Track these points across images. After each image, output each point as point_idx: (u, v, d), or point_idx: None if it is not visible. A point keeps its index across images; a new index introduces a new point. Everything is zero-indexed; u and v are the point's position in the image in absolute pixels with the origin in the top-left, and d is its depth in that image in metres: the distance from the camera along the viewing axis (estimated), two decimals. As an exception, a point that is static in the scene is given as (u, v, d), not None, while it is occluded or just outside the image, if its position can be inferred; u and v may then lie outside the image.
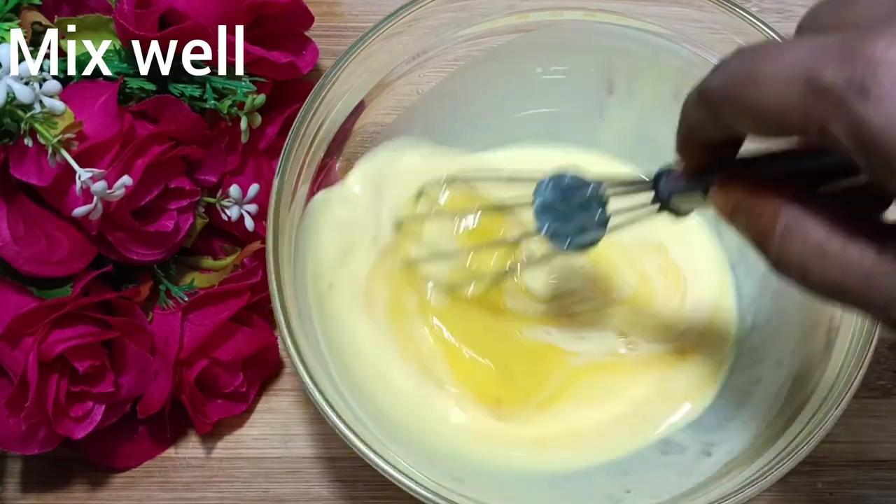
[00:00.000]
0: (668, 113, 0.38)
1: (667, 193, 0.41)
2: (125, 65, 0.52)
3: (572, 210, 0.46)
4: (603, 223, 0.45)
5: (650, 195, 0.42)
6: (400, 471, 0.44)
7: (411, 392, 0.52)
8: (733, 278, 0.56)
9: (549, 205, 0.46)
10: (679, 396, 0.53)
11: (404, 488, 0.44)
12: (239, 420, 0.56)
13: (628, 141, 0.58)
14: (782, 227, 0.32)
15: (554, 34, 0.55)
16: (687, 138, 0.36)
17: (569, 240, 0.46)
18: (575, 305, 0.55)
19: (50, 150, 0.46)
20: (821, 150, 0.33)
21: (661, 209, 0.42)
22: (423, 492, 0.44)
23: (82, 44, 0.52)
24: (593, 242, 0.46)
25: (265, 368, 0.56)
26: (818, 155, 0.33)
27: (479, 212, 0.55)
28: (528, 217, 0.47)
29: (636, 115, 0.58)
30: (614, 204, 0.45)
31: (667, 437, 0.52)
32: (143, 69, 0.51)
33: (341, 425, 0.45)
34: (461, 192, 0.55)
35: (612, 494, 0.50)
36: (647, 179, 0.42)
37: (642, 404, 0.53)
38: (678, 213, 0.42)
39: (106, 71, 0.51)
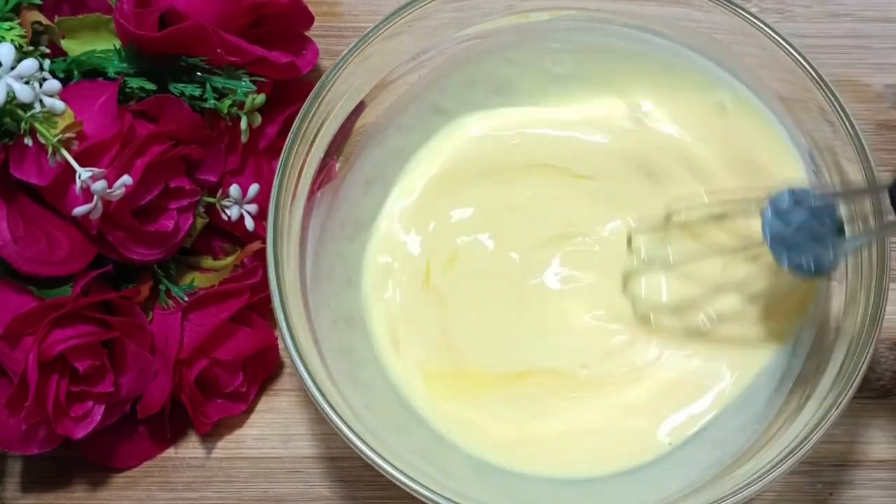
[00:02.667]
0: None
1: None
2: (125, 64, 0.52)
3: (805, 226, 0.44)
4: (839, 241, 0.44)
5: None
6: (401, 471, 0.44)
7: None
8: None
9: (781, 234, 0.44)
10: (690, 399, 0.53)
11: (405, 488, 0.44)
12: (239, 420, 0.56)
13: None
14: None
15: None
16: None
17: (810, 264, 0.44)
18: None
19: (50, 150, 0.47)
20: None
21: None
22: (423, 491, 0.44)
23: (82, 43, 0.52)
24: (819, 271, 0.44)
25: (265, 368, 0.56)
26: None
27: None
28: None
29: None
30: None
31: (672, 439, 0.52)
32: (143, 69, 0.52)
33: (342, 425, 0.45)
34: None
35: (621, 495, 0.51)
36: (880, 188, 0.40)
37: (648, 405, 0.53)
38: None
39: (106, 71, 0.51)
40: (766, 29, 0.51)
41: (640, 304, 0.53)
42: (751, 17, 0.52)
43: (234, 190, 0.53)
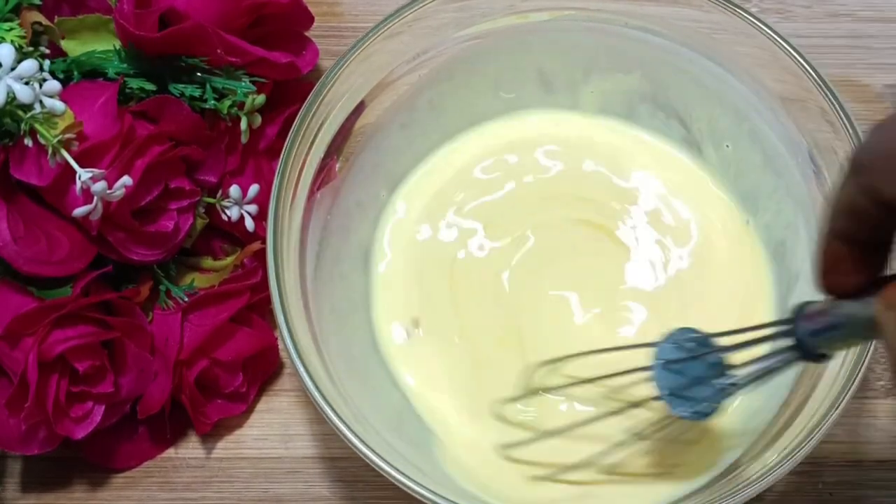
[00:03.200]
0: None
1: (808, 334, 0.38)
2: (125, 65, 0.52)
3: (694, 372, 0.44)
4: (726, 386, 0.43)
5: (780, 342, 0.40)
6: (400, 471, 0.44)
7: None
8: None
9: (668, 365, 0.44)
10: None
11: (404, 488, 0.44)
12: (239, 420, 0.56)
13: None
14: None
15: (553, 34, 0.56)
16: (832, 242, 0.35)
17: (691, 407, 0.44)
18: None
19: (50, 151, 0.47)
20: None
21: (803, 357, 0.39)
22: (422, 491, 0.44)
23: (82, 44, 0.52)
24: (714, 410, 0.44)
25: (265, 368, 0.56)
26: None
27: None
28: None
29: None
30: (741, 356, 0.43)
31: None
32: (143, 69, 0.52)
33: (341, 425, 0.45)
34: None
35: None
36: (775, 325, 0.40)
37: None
38: (822, 357, 0.39)
39: (106, 71, 0.52)
40: (766, 29, 0.51)
41: None
42: (751, 18, 0.52)
43: (234, 190, 0.53)
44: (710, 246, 0.56)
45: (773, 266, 0.55)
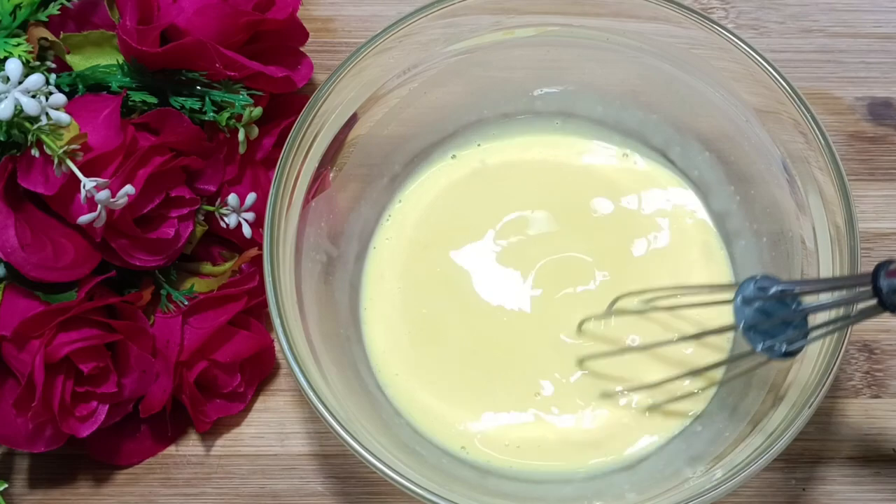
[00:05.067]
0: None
1: (891, 290, 0.39)
2: (128, 79, 0.52)
3: (774, 311, 0.45)
4: (804, 330, 0.44)
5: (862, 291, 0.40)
6: (392, 468, 0.45)
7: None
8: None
9: (750, 302, 0.45)
10: (672, 401, 0.54)
11: (396, 484, 0.45)
12: (237, 419, 0.56)
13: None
14: None
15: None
16: None
17: (765, 342, 0.44)
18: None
19: (56, 161, 0.47)
20: None
21: (884, 309, 0.40)
22: (414, 488, 0.44)
23: (87, 58, 0.53)
24: (789, 352, 0.45)
25: (262, 369, 0.56)
26: None
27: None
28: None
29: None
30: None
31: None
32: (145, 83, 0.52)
33: (335, 424, 0.45)
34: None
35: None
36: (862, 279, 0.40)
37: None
38: None
39: (109, 85, 0.52)
40: (741, 44, 0.52)
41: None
42: (727, 34, 0.52)
43: (232, 199, 0.54)
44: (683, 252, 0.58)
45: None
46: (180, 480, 0.55)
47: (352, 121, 0.54)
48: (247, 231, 0.55)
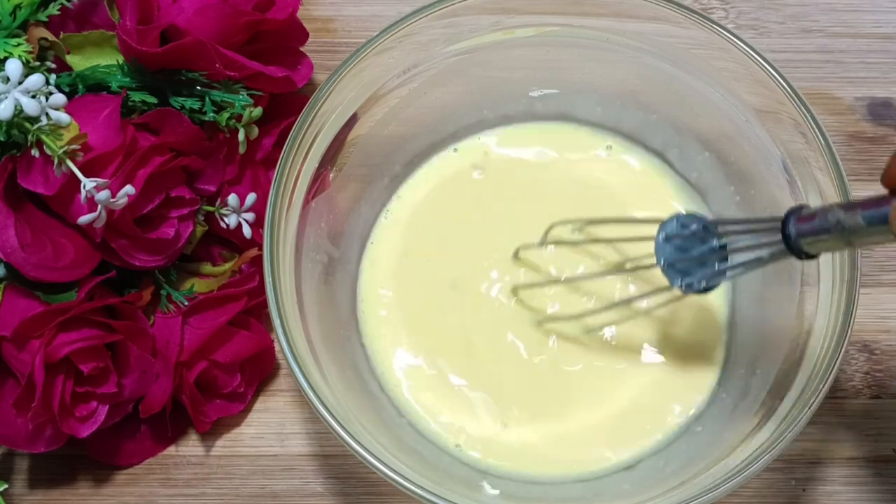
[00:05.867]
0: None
1: (798, 235, 0.40)
2: (128, 79, 0.52)
3: (693, 249, 0.46)
4: (723, 267, 0.45)
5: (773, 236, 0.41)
6: (392, 468, 0.45)
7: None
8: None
9: (671, 240, 0.46)
10: (671, 401, 0.54)
11: (395, 484, 0.45)
12: (237, 419, 0.56)
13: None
14: None
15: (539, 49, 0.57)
16: None
17: (684, 279, 0.45)
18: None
19: (56, 161, 0.47)
20: None
21: (791, 254, 0.41)
22: (414, 488, 0.45)
23: (87, 59, 0.53)
24: (708, 287, 0.46)
25: (262, 370, 0.57)
26: None
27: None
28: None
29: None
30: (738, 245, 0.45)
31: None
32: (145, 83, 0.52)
33: (335, 424, 0.45)
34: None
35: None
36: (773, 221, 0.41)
37: (631, 413, 0.54)
38: (808, 256, 0.41)
39: (109, 85, 0.52)
40: (741, 44, 0.52)
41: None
42: (727, 34, 0.52)
43: (232, 199, 0.54)
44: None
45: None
46: (180, 481, 0.55)
47: (352, 121, 0.54)
48: (247, 231, 0.55)
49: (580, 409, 0.54)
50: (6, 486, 0.53)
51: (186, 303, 0.53)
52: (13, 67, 0.47)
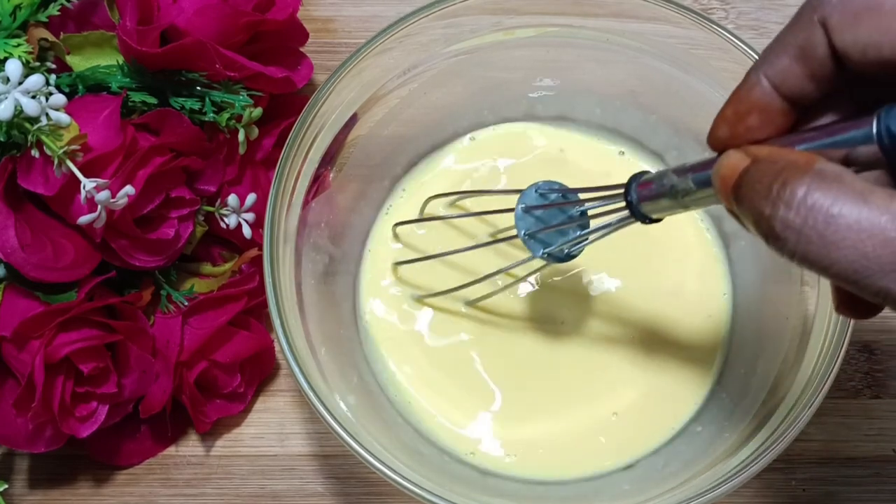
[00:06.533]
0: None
1: (639, 200, 0.41)
2: (128, 79, 0.52)
3: (553, 219, 0.47)
4: (575, 236, 0.46)
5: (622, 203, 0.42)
6: (392, 469, 0.45)
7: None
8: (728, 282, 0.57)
9: (530, 211, 0.46)
10: (670, 401, 0.55)
11: (395, 485, 0.45)
12: (237, 419, 0.56)
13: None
14: (805, 189, 0.28)
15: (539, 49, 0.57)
16: (757, 87, 0.33)
17: (545, 248, 0.46)
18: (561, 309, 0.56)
19: (56, 161, 0.47)
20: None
21: (637, 219, 0.42)
22: (414, 488, 0.45)
23: (87, 59, 0.53)
24: (570, 256, 0.46)
25: (262, 370, 0.57)
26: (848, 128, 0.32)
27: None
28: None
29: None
30: (597, 214, 0.45)
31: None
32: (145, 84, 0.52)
33: (335, 424, 0.45)
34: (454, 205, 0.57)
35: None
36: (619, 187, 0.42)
37: (630, 411, 0.54)
38: (653, 220, 0.42)
39: (109, 85, 0.52)
40: (741, 45, 0.52)
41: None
42: (727, 34, 0.52)
43: (232, 199, 0.54)
44: (681, 253, 0.58)
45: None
46: (180, 481, 0.56)
47: (352, 121, 0.54)
48: (247, 231, 0.55)
49: (580, 409, 0.54)
50: (6, 486, 0.53)
51: (186, 303, 0.54)
52: (13, 68, 0.47)
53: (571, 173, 0.59)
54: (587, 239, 0.46)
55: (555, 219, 0.47)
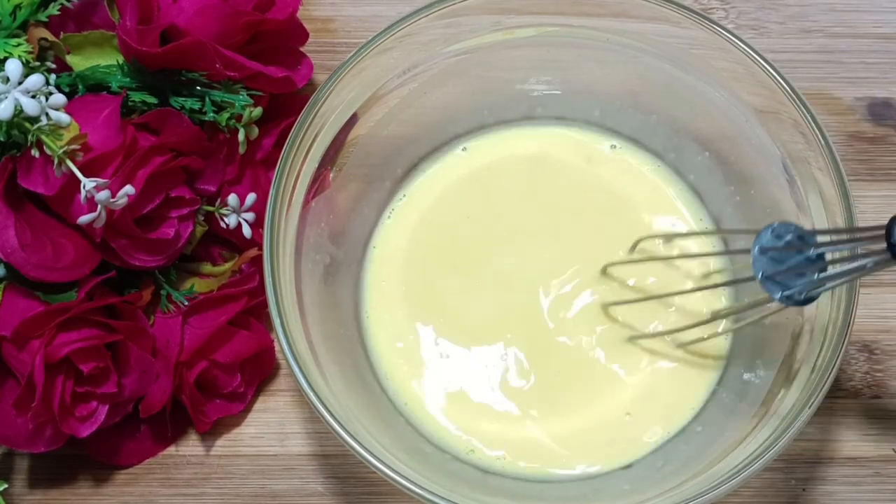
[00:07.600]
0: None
1: None
2: (128, 79, 0.52)
3: (789, 260, 0.45)
4: (822, 276, 0.44)
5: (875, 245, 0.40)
6: (392, 468, 0.45)
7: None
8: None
9: (767, 251, 0.45)
10: (670, 401, 0.55)
11: (396, 484, 0.45)
12: (237, 419, 0.56)
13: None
14: None
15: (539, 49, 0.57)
16: None
17: (783, 291, 0.45)
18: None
19: (56, 161, 0.47)
20: None
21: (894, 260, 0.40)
22: (414, 488, 0.45)
23: (87, 59, 0.53)
24: (809, 298, 0.45)
25: (262, 369, 0.57)
26: None
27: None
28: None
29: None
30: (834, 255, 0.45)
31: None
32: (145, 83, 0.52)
33: (335, 424, 0.45)
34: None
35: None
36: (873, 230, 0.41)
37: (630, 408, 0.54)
38: None
39: (109, 85, 0.52)
40: (741, 45, 0.52)
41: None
42: (727, 34, 0.52)
43: (232, 199, 0.54)
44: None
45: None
46: (180, 481, 0.56)
47: (352, 121, 0.54)
48: (247, 231, 0.55)
49: (580, 408, 0.54)
50: (6, 486, 0.53)
51: (186, 303, 0.53)
52: (13, 67, 0.47)
53: (569, 174, 0.59)
54: (833, 282, 0.45)
55: (792, 259, 0.46)
